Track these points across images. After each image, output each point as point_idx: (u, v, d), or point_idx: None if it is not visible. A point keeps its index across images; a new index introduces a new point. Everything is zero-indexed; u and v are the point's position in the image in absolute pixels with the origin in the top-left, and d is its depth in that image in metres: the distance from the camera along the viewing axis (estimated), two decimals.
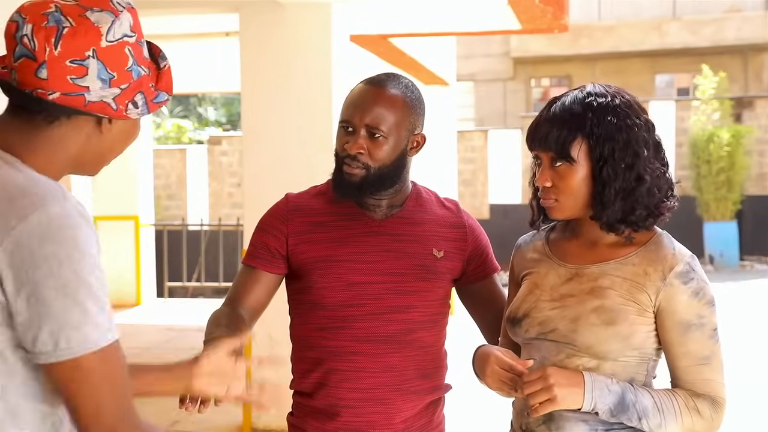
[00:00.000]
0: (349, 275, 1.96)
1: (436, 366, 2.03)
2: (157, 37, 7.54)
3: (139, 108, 1.35)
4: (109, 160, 1.43)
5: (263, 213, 2.10)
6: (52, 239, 1.23)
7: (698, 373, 1.73)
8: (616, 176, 1.71)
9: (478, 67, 22.43)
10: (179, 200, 16.77)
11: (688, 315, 1.72)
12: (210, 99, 24.20)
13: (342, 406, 1.96)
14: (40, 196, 1.26)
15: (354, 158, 1.93)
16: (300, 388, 2.04)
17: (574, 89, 1.81)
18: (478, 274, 2.09)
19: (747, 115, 15.60)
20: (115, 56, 1.32)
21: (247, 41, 5.37)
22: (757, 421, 5.56)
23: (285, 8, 5.22)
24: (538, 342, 1.79)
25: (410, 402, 1.98)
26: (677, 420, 1.70)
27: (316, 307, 1.98)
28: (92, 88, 1.30)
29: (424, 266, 1.99)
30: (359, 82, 2.01)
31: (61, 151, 1.35)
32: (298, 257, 1.99)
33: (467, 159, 15.86)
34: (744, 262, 14.70)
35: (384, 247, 1.98)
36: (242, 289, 2.01)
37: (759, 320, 9.39)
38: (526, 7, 6.55)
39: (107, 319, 1.27)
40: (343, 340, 1.95)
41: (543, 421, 1.76)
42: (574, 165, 1.74)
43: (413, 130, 2.01)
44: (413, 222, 2.02)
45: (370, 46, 7.62)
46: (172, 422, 5.46)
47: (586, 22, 21.13)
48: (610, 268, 1.77)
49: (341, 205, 2.00)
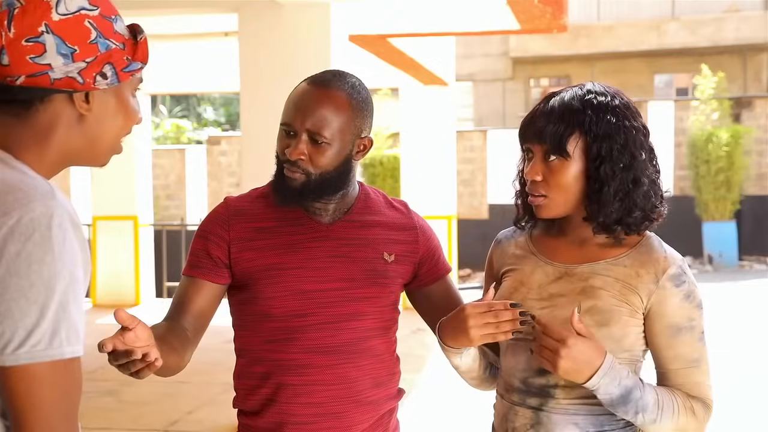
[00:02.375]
0: (299, 283, 1.84)
1: (390, 373, 1.93)
2: (157, 37, 7.54)
3: (108, 79, 1.31)
4: (107, 145, 1.38)
5: None
6: (29, 239, 1.18)
7: (688, 376, 1.71)
8: (614, 176, 1.69)
9: (477, 67, 22.45)
10: (178, 200, 16.77)
11: (678, 318, 1.70)
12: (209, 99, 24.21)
13: (294, 423, 1.84)
14: (26, 194, 1.22)
15: (294, 163, 1.81)
16: (245, 407, 1.91)
17: (573, 86, 1.78)
18: (431, 276, 1.98)
19: (746, 115, 15.60)
20: (73, 29, 1.28)
21: (246, 41, 5.38)
22: (755, 420, 5.56)
23: (284, 8, 5.22)
24: (525, 342, 1.72)
25: (366, 413, 1.88)
26: (673, 418, 1.68)
27: (263, 318, 1.85)
28: (54, 65, 1.27)
29: (375, 271, 1.88)
30: (302, 81, 1.87)
31: (47, 141, 1.31)
32: (242, 265, 1.86)
33: (466, 159, 15.87)
34: (743, 262, 14.70)
35: (333, 253, 1.86)
36: (185, 302, 1.85)
37: (758, 320, 9.39)
38: (525, 7, 6.55)
39: (71, 332, 1.20)
40: (293, 353, 1.84)
41: (531, 425, 1.73)
42: (569, 160, 1.70)
43: (359, 133, 1.85)
44: (362, 225, 1.91)
45: (369, 46, 7.63)
46: (171, 422, 5.46)
47: (585, 22, 21.14)
48: (600, 268, 1.73)
49: (286, 209, 1.88)
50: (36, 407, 1.19)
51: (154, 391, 6.17)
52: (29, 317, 1.18)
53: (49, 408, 1.20)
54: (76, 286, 1.22)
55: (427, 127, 10.11)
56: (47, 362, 1.19)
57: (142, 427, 5.37)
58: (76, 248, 1.23)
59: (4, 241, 1.19)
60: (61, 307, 1.20)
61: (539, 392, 1.73)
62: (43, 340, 1.19)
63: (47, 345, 1.19)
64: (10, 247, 1.18)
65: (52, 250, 1.20)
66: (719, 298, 10.38)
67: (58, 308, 1.19)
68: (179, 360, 1.75)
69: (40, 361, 1.18)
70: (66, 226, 1.22)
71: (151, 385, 6.40)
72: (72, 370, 1.22)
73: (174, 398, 6.00)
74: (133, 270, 10.02)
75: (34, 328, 1.18)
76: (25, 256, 1.18)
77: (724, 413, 1.78)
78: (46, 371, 1.19)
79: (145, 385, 6.41)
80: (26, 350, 1.18)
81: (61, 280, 1.20)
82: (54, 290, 1.19)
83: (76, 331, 1.22)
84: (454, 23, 7.82)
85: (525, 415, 1.74)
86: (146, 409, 5.74)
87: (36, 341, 1.18)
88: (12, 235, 1.19)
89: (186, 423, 5.45)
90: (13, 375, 1.19)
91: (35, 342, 1.18)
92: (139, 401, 5.93)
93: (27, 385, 1.19)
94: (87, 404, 1.99)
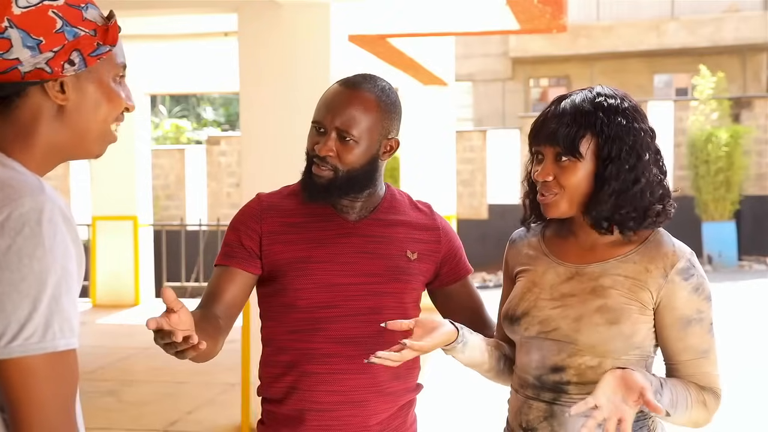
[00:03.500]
0: (326, 276, 1.93)
1: (410, 367, 2.00)
2: (156, 37, 7.55)
3: (76, 65, 1.32)
4: (95, 135, 1.38)
5: None
6: (19, 233, 1.20)
7: (698, 367, 1.76)
8: (618, 176, 1.74)
9: (477, 67, 22.45)
10: (178, 200, 16.77)
11: (688, 310, 1.74)
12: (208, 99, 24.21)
13: (316, 410, 1.93)
14: (16, 190, 1.23)
15: (323, 159, 1.90)
16: (269, 394, 2.00)
17: (581, 89, 1.83)
18: (453, 275, 2.07)
19: (745, 115, 15.61)
20: (36, 21, 1.29)
21: (246, 41, 5.38)
22: (756, 418, 5.57)
23: (283, 8, 5.23)
24: (538, 341, 1.79)
25: (386, 403, 1.97)
26: (686, 412, 1.73)
27: (289, 309, 1.94)
28: (23, 58, 1.28)
29: (398, 268, 1.97)
30: (335, 83, 1.97)
31: (32, 136, 1.32)
32: (272, 257, 1.95)
33: (466, 159, 15.87)
34: (742, 262, 14.71)
35: (359, 249, 1.96)
36: (218, 291, 1.93)
37: (757, 320, 9.40)
38: (524, 7, 6.55)
39: (64, 324, 1.22)
40: (318, 342, 1.92)
41: (545, 417, 1.77)
42: (581, 161, 1.76)
43: (386, 134, 1.95)
44: (387, 224, 2.00)
45: (369, 46, 7.63)
46: (171, 422, 5.46)
47: (585, 22, 21.15)
48: (610, 266, 1.78)
49: (315, 206, 1.97)
50: (32, 400, 1.21)
51: (154, 391, 6.17)
52: (21, 310, 1.19)
53: (44, 400, 1.21)
54: (69, 280, 1.24)
55: (427, 128, 10.11)
56: (41, 355, 1.20)
57: (142, 427, 5.37)
58: (68, 242, 1.24)
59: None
60: (54, 300, 1.21)
61: (553, 388, 1.78)
62: (36, 333, 1.20)
63: (40, 338, 1.20)
64: (1, 242, 1.20)
65: (43, 244, 1.21)
66: (719, 298, 10.36)
67: (51, 301, 1.21)
68: (213, 346, 1.82)
69: (34, 354, 1.20)
70: (56, 220, 1.23)
71: (151, 385, 6.40)
72: (67, 363, 1.23)
73: (174, 398, 6.00)
74: (132, 270, 10.01)
75: (27, 321, 1.19)
76: (15, 251, 1.20)
77: (724, 413, 1.81)
78: (40, 364, 1.20)
79: (145, 385, 6.41)
80: (19, 343, 1.19)
81: (53, 274, 1.21)
82: (45, 283, 1.21)
83: (70, 323, 1.23)
84: (453, 23, 7.82)
85: (539, 408, 1.79)
86: (146, 409, 5.75)
87: (29, 334, 1.19)
88: (2, 231, 1.20)
89: (186, 423, 5.46)
90: (7, 368, 1.20)
91: (28, 335, 1.19)
92: (139, 401, 5.93)
93: (22, 377, 1.20)
94: (87, 404, 1.99)
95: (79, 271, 1.27)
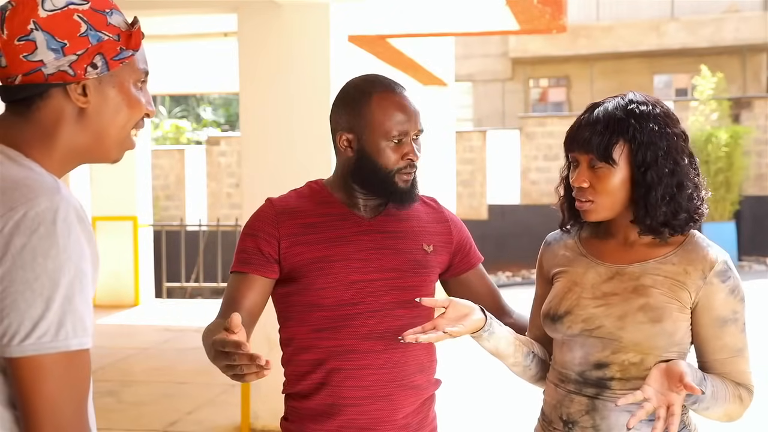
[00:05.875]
0: (348, 274, 1.96)
1: (430, 360, 2.06)
2: (156, 38, 7.54)
3: (98, 68, 1.34)
4: (114, 139, 1.39)
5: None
6: (34, 232, 1.21)
7: (734, 365, 1.86)
8: (660, 181, 1.81)
9: (477, 68, 22.45)
10: (178, 201, 16.78)
11: (725, 311, 1.84)
12: (208, 99, 24.21)
13: (344, 405, 1.96)
14: (31, 189, 1.24)
15: (414, 165, 2.04)
16: (295, 391, 2.03)
17: (614, 96, 1.89)
18: (466, 264, 2.14)
19: (745, 116, 15.61)
20: (62, 24, 1.31)
21: (246, 42, 5.38)
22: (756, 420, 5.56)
23: (283, 9, 5.23)
24: (581, 338, 1.85)
25: (411, 397, 2.01)
26: (723, 406, 1.83)
27: (312, 308, 1.97)
28: (46, 61, 1.30)
29: (416, 261, 2.03)
30: (381, 91, 2.01)
31: (53, 138, 1.34)
32: (293, 259, 1.97)
33: (466, 159, 15.87)
34: (742, 263, 14.70)
35: (378, 245, 2.00)
36: (238, 297, 1.95)
37: (757, 320, 9.40)
38: (524, 7, 6.55)
39: (77, 324, 1.23)
40: (344, 339, 1.96)
41: (586, 411, 1.83)
42: (614, 167, 1.82)
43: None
44: (400, 218, 2.06)
45: (369, 47, 7.63)
46: (171, 422, 5.46)
47: (585, 22, 21.15)
48: (650, 267, 1.85)
49: (328, 206, 2.03)
50: (43, 398, 1.22)
51: (154, 392, 6.18)
52: (35, 309, 1.21)
53: (56, 399, 1.22)
54: (83, 279, 1.25)
55: (427, 128, 10.09)
56: (54, 354, 1.22)
57: (142, 427, 5.38)
58: (82, 242, 1.26)
59: (11, 235, 1.21)
60: (67, 300, 1.22)
61: (596, 383, 1.84)
62: (49, 331, 1.21)
63: (53, 337, 1.22)
64: (16, 240, 1.21)
65: (57, 243, 1.22)
66: None
67: (64, 301, 1.22)
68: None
69: (47, 352, 1.21)
70: (71, 220, 1.25)
71: (151, 385, 6.41)
72: (79, 362, 1.25)
73: (174, 398, 6.01)
74: (132, 270, 10.01)
75: (40, 319, 1.21)
76: (30, 250, 1.21)
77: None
78: (52, 363, 1.22)
79: (144, 385, 6.41)
80: (32, 342, 1.21)
81: (66, 273, 1.23)
82: (59, 283, 1.22)
83: (83, 323, 1.25)
84: (453, 24, 7.82)
85: (581, 402, 1.85)
86: (146, 409, 5.75)
87: (42, 333, 1.21)
88: (18, 229, 1.21)
89: (186, 423, 5.46)
90: (20, 366, 1.21)
91: (41, 333, 1.21)
92: (139, 401, 5.93)
93: (34, 376, 1.21)
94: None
95: (93, 271, 1.29)
